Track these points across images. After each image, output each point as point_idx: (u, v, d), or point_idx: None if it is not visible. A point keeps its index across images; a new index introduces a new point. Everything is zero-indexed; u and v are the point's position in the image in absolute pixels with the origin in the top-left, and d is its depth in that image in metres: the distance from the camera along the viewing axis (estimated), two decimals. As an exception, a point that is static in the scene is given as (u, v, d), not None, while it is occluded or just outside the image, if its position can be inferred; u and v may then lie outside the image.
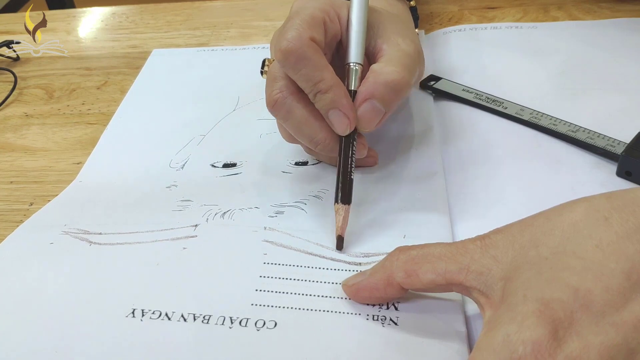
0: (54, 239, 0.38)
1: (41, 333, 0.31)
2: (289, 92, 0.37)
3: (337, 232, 0.35)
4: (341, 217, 0.35)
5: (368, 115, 0.36)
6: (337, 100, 0.35)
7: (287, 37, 0.35)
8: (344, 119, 0.36)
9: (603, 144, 0.40)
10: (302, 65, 0.35)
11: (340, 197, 0.36)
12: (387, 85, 0.36)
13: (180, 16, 0.69)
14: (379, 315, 0.30)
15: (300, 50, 0.34)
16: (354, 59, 0.38)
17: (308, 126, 0.37)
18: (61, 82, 0.59)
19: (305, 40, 0.35)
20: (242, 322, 0.31)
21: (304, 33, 0.35)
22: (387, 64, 0.37)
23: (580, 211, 0.25)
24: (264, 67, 0.40)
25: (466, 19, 0.60)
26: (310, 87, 0.35)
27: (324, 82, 0.35)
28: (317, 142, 0.37)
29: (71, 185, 0.44)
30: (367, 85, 0.36)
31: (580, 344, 0.22)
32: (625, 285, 0.23)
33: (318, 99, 0.36)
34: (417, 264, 0.28)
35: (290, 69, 0.35)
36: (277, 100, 0.36)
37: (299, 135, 0.38)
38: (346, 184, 0.36)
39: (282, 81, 0.37)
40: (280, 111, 0.37)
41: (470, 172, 0.41)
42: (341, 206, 0.35)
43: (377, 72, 0.36)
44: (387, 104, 0.36)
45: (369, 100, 0.36)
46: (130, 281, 0.34)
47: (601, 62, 0.49)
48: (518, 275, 0.25)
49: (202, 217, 0.38)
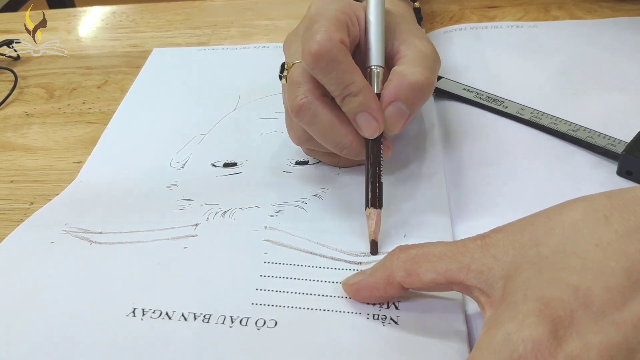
0: (54, 238, 0.38)
1: (41, 332, 0.31)
2: (314, 96, 0.36)
3: (371, 237, 0.35)
4: (373, 222, 0.35)
5: (394, 117, 0.36)
6: (366, 103, 0.35)
7: (317, 40, 0.34)
8: (373, 122, 0.35)
9: (603, 143, 0.40)
10: (333, 68, 0.34)
11: (371, 201, 0.35)
12: (411, 86, 0.35)
13: (181, 15, 0.69)
14: (379, 315, 0.30)
15: (331, 52, 0.34)
16: (376, 62, 0.37)
17: (334, 131, 0.36)
18: (62, 82, 0.59)
19: (335, 43, 0.34)
20: (242, 321, 0.31)
21: (334, 35, 0.34)
22: (409, 65, 0.36)
23: (580, 210, 0.25)
24: (283, 71, 0.39)
25: (467, 18, 0.60)
26: (339, 90, 0.35)
27: (354, 85, 0.35)
28: (344, 146, 0.37)
29: (71, 184, 0.44)
30: (391, 88, 0.36)
31: (580, 343, 0.22)
32: (626, 285, 0.23)
33: (347, 102, 0.35)
34: (418, 263, 0.28)
35: (319, 72, 0.35)
36: (303, 105, 0.36)
37: (324, 140, 0.37)
38: (376, 188, 0.35)
39: (306, 85, 0.36)
40: (306, 116, 0.36)
41: (471, 171, 0.41)
42: (373, 210, 0.35)
43: (400, 74, 0.36)
44: (411, 106, 0.36)
45: (394, 103, 0.35)
46: (130, 280, 0.34)
47: (602, 61, 0.49)
48: (518, 275, 0.25)
49: (203, 217, 0.38)
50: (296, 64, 0.37)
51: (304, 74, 0.36)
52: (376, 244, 0.35)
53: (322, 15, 0.36)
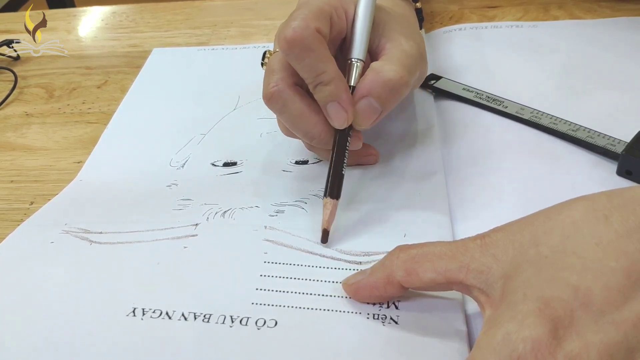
0: (54, 238, 0.38)
1: (42, 332, 0.31)
2: (286, 85, 0.36)
3: (323, 226, 0.35)
4: (328, 212, 0.35)
5: (364, 112, 0.36)
6: (337, 94, 0.35)
7: (293, 26, 0.34)
8: (342, 112, 0.36)
9: (603, 143, 0.40)
10: (306, 55, 0.35)
11: (329, 191, 0.36)
12: (385, 84, 0.36)
13: (181, 15, 0.69)
14: (379, 314, 0.30)
15: (305, 40, 0.34)
16: (356, 55, 0.37)
17: (304, 120, 0.37)
18: (61, 81, 0.59)
19: (310, 31, 0.34)
20: (242, 321, 0.31)
21: (310, 23, 0.35)
22: (387, 62, 0.36)
23: (580, 210, 0.25)
24: (264, 59, 0.40)
25: (467, 18, 0.60)
26: (312, 78, 0.35)
27: (326, 74, 0.35)
28: (313, 136, 0.37)
29: (71, 184, 0.44)
30: (365, 83, 0.36)
31: (580, 343, 0.22)
32: (625, 284, 0.23)
33: (318, 91, 0.36)
34: (417, 262, 0.28)
35: (293, 59, 0.35)
36: (274, 93, 0.36)
37: (294, 129, 0.38)
38: (336, 179, 0.36)
39: (279, 74, 0.37)
40: (277, 104, 0.37)
41: (471, 171, 0.41)
42: (329, 200, 0.36)
43: (376, 70, 0.36)
44: (383, 103, 0.36)
45: (366, 98, 0.36)
46: (130, 280, 0.34)
47: (602, 61, 0.49)
48: (518, 274, 0.25)
49: (203, 216, 0.38)
50: (276, 53, 0.38)
51: (280, 62, 0.37)
52: (327, 233, 0.35)
53: (306, 4, 0.36)
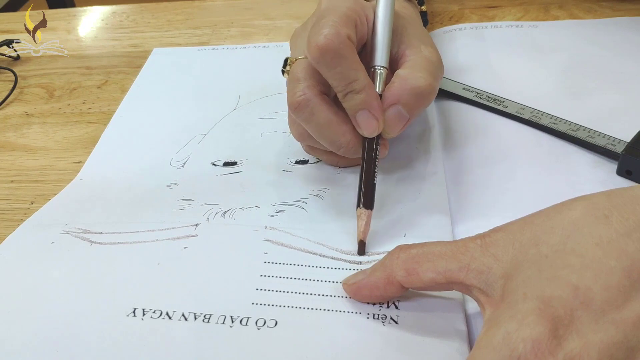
0: (54, 238, 0.38)
1: (42, 332, 0.31)
2: (313, 93, 0.36)
3: (359, 237, 0.35)
4: (363, 222, 0.35)
5: (393, 120, 0.36)
6: (368, 102, 0.35)
7: (324, 33, 0.34)
8: (373, 120, 0.35)
9: (603, 143, 0.40)
10: (338, 63, 0.34)
11: (363, 201, 0.35)
12: (413, 91, 0.35)
13: (181, 15, 0.69)
14: (379, 314, 0.30)
15: (338, 47, 0.34)
16: (380, 62, 0.37)
17: (332, 129, 0.36)
18: (62, 81, 0.59)
19: (342, 38, 0.34)
20: (242, 321, 0.31)
21: (342, 30, 0.34)
22: (413, 70, 0.36)
23: (580, 209, 0.25)
24: (285, 66, 0.39)
25: (467, 18, 0.60)
26: (343, 86, 0.35)
27: (358, 82, 0.35)
28: (340, 145, 0.37)
29: (72, 183, 0.44)
30: (393, 90, 0.36)
31: (580, 342, 0.22)
32: (625, 283, 0.23)
33: (349, 99, 0.35)
34: (418, 262, 0.28)
35: (324, 66, 0.35)
36: (301, 102, 0.36)
37: (320, 138, 0.37)
38: (369, 188, 0.35)
39: (305, 82, 0.36)
40: (304, 113, 0.36)
41: (471, 170, 0.41)
42: (364, 211, 0.35)
43: (403, 77, 0.36)
44: (411, 110, 0.36)
45: (395, 106, 0.36)
46: (131, 280, 0.34)
47: (602, 61, 0.49)
48: (518, 274, 0.25)
49: (203, 217, 0.38)
50: (299, 60, 0.37)
51: (306, 70, 0.36)
52: (364, 245, 0.35)
53: (331, 10, 0.36)
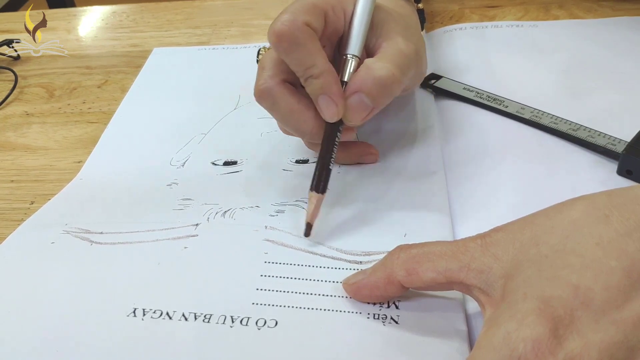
0: (55, 238, 0.38)
1: (42, 332, 0.31)
2: (275, 81, 0.37)
3: (307, 219, 0.36)
4: (312, 205, 0.35)
5: (355, 107, 0.36)
6: (327, 87, 0.35)
7: (281, 20, 0.34)
8: (333, 105, 0.35)
9: (604, 143, 0.40)
10: (295, 49, 0.35)
11: (315, 185, 0.36)
12: (376, 80, 0.35)
13: (181, 15, 0.69)
14: (379, 314, 0.30)
15: (293, 33, 0.34)
16: (351, 50, 0.37)
17: (295, 116, 0.37)
18: (62, 81, 0.59)
19: (299, 24, 0.34)
20: (243, 321, 0.31)
21: (299, 17, 0.35)
22: (380, 60, 0.36)
23: (580, 209, 0.25)
24: (259, 55, 0.40)
25: (467, 17, 0.60)
26: (302, 72, 0.35)
27: (315, 67, 0.35)
28: (304, 132, 0.37)
29: (72, 182, 0.44)
30: (357, 79, 0.36)
31: (580, 342, 0.22)
32: (626, 283, 0.23)
33: (309, 84, 0.36)
34: (418, 262, 0.28)
35: (282, 52, 0.35)
36: (262, 90, 0.37)
37: (286, 125, 0.38)
38: (323, 173, 0.36)
39: (270, 71, 0.37)
40: (266, 101, 0.37)
41: (471, 170, 0.41)
42: (314, 194, 0.36)
43: (368, 66, 0.36)
44: (374, 100, 0.36)
45: (357, 93, 0.36)
46: (131, 280, 0.34)
47: (602, 60, 0.49)
48: (518, 273, 0.25)
49: (203, 216, 0.38)
50: (269, 50, 0.38)
51: (272, 59, 0.37)
52: (310, 227, 0.35)
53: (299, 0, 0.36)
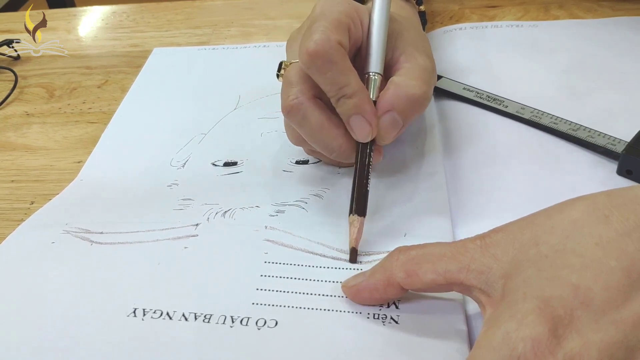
0: (55, 238, 0.38)
1: (42, 332, 0.31)
2: (305, 97, 0.36)
3: (351, 245, 0.34)
4: (355, 229, 0.34)
5: (387, 127, 0.36)
6: (360, 106, 0.35)
7: (315, 39, 0.34)
8: (366, 125, 0.35)
9: (604, 143, 0.40)
10: (328, 68, 0.34)
11: (355, 208, 0.35)
12: (408, 98, 0.35)
13: (181, 15, 0.69)
14: (379, 314, 0.30)
15: (328, 52, 0.34)
16: (374, 68, 0.37)
17: (324, 133, 0.36)
18: (62, 81, 0.59)
19: (333, 43, 0.34)
20: (243, 321, 0.31)
21: (332, 36, 0.34)
22: (408, 77, 0.36)
23: (580, 209, 0.25)
24: (280, 70, 0.39)
25: (467, 17, 0.60)
26: (334, 91, 0.35)
27: (349, 87, 0.35)
28: (332, 149, 0.37)
29: (72, 183, 0.44)
30: (388, 97, 0.36)
31: (580, 342, 0.22)
32: (625, 283, 0.23)
33: (342, 104, 0.35)
34: (417, 263, 0.28)
35: (315, 72, 0.35)
36: (293, 106, 0.36)
37: (313, 142, 0.37)
38: (362, 195, 0.35)
39: (298, 86, 0.36)
40: (296, 117, 0.36)
41: (471, 171, 0.41)
42: (356, 218, 0.34)
43: (398, 84, 0.36)
44: (405, 117, 0.36)
45: (389, 112, 0.35)
46: (131, 280, 0.34)
47: (602, 60, 0.49)
48: (518, 274, 0.25)
49: (203, 216, 0.38)
50: (293, 64, 0.37)
51: (299, 74, 0.36)
52: (356, 252, 0.34)
53: (324, 15, 0.36)
